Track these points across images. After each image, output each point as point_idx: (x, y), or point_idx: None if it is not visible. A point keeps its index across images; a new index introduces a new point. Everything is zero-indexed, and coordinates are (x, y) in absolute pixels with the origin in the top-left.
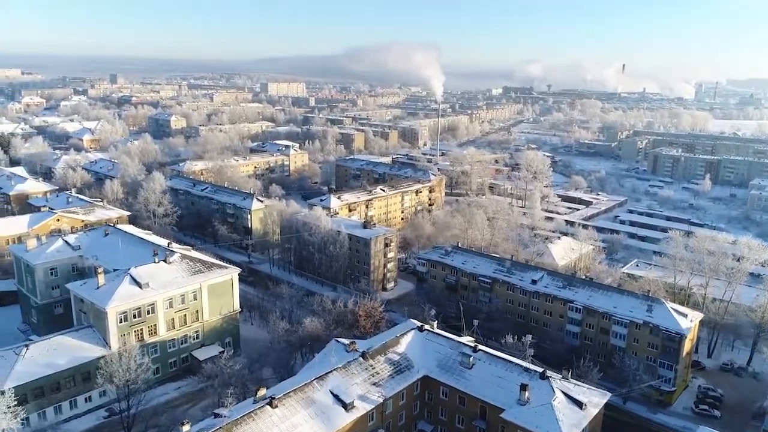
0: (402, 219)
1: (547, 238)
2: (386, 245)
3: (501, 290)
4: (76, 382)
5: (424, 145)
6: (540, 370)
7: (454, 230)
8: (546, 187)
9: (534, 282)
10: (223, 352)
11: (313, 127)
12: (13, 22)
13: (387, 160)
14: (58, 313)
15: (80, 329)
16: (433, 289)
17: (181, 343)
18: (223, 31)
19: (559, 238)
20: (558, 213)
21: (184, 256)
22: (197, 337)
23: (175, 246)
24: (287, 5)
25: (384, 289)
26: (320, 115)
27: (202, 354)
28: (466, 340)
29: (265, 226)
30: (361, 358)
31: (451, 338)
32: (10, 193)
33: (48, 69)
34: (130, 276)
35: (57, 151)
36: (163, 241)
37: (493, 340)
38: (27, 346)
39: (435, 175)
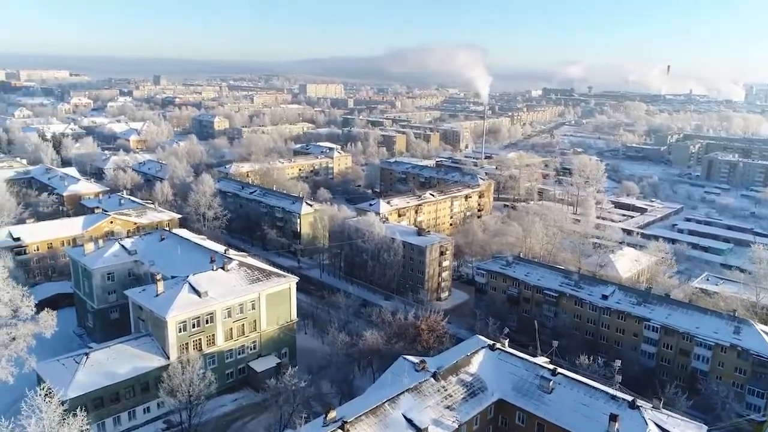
0: (451, 225)
1: (611, 249)
2: (441, 253)
3: (568, 305)
4: (135, 393)
5: (466, 147)
6: (629, 398)
7: (509, 238)
8: (599, 192)
9: (605, 297)
10: (280, 363)
11: (354, 129)
12: (62, 24)
13: (430, 162)
14: (114, 318)
15: (139, 337)
16: (493, 302)
17: (239, 354)
18: (259, 33)
19: (621, 248)
20: (612, 220)
21: (241, 264)
22: (254, 348)
23: (231, 252)
24: (320, 7)
25: (438, 299)
26: (360, 117)
27: (259, 365)
28: (542, 361)
29: (314, 231)
30: (432, 379)
31: (526, 359)
32: (64, 194)
33: (94, 70)
34: (189, 284)
35: (106, 152)
36: (218, 247)
37: (561, 358)
38: (87, 354)
39: (483, 180)
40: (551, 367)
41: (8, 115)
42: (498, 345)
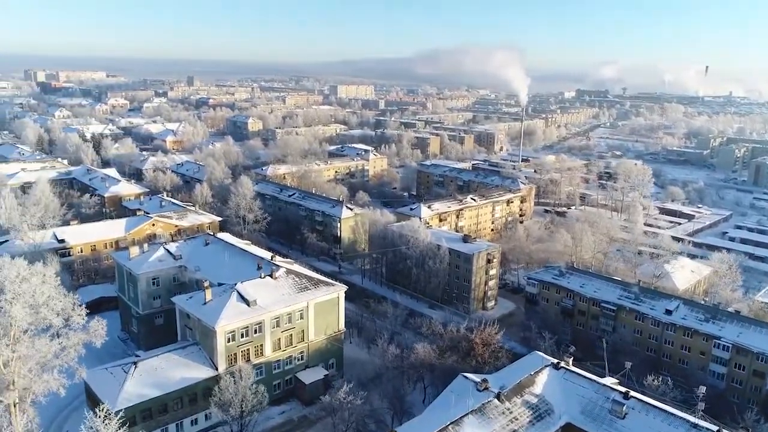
0: (492, 230)
1: (666, 259)
2: (488, 261)
3: (628, 319)
4: (183, 404)
5: (501, 149)
6: (713, 427)
7: (557, 245)
8: (644, 198)
9: (668, 312)
10: (327, 375)
11: (387, 131)
12: (97, 25)
13: (465, 165)
14: (158, 324)
15: (186, 346)
16: (545, 313)
17: (286, 365)
18: (288, 35)
19: (676, 258)
20: (659, 227)
21: (289, 271)
22: (302, 359)
23: (278, 259)
24: (332, 8)
25: (484, 308)
26: (392, 119)
27: (306, 377)
28: (610, 382)
29: (355, 235)
30: (496, 400)
31: (594, 380)
32: (105, 195)
33: (129, 71)
34: (238, 292)
35: (144, 153)
36: (263, 253)
37: (627, 378)
38: (135, 363)
39: (524, 184)
40: (623, 389)
41: (49, 116)
42: (562, 363)
